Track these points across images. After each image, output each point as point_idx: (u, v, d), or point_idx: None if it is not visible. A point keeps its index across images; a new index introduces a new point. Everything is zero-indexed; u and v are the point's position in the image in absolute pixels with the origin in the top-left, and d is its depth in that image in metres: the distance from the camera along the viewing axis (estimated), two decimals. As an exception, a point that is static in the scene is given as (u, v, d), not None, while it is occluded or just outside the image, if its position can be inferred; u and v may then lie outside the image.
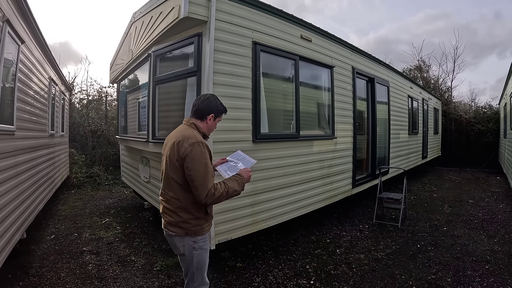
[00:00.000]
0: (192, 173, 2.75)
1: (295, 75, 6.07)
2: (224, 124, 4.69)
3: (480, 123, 20.15)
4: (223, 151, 4.70)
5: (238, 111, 4.94)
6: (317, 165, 6.69)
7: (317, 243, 6.36)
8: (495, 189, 12.51)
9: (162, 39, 5.59)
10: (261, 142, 5.33)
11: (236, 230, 5.00)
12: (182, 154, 2.77)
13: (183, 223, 2.89)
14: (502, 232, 7.12)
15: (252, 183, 5.14)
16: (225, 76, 4.80)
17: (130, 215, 8.30)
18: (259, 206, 5.32)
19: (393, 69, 11.32)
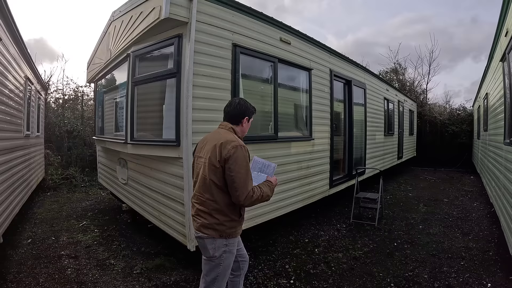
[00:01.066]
0: (234, 174, 2.83)
1: (274, 77, 6.13)
2: (203, 126, 4.77)
3: (454, 125, 20.66)
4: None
5: (217, 113, 4.89)
6: (295, 166, 6.74)
7: (296, 243, 6.42)
8: (469, 188, 12.85)
9: (142, 39, 5.56)
10: None
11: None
12: (225, 156, 2.86)
13: (218, 225, 2.97)
14: (476, 229, 7.35)
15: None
16: (205, 78, 4.81)
17: (107, 217, 8.20)
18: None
19: (369, 71, 11.51)
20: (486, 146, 10.91)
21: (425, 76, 25.99)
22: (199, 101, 4.70)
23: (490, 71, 9.70)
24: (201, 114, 4.76)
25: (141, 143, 5.70)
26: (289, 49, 6.53)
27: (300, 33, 6.88)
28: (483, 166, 12.01)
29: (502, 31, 6.44)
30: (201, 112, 4.75)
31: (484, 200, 10.31)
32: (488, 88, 10.20)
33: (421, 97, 24.78)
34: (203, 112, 4.79)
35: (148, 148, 5.56)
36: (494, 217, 8.01)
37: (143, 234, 6.73)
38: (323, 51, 7.89)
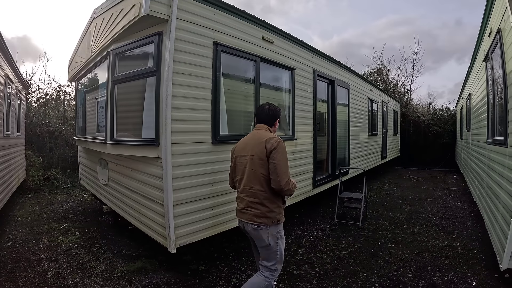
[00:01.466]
0: (277, 162, 3.36)
1: (256, 76, 6.05)
2: (183, 125, 4.69)
3: (437, 125, 20.92)
4: (182, 152, 4.67)
5: (198, 112, 4.88)
6: (277, 166, 6.63)
7: (279, 244, 6.35)
8: (452, 187, 13.00)
9: (122, 37, 5.45)
10: (221, 143, 5.26)
11: (196, 233, 4.92)
12: (270, 148, 3.41)
13: (269, 213, 3.44)
14: (460, 228, 7.39)
15: (212, 185, 5.11)
16: (185, 77, 4.71)
17: (89, 219, 8.06)
18: (219, 208, 5.25)
19: (353, 72, 11.51)
20: (469, 146, 11.04)
21: (409, 77, 26.30)
22: (178, 100, 4.60)
23: (473, 72, 9.82)
24: (181, 113, 4.66)
25: (121, 143, 5.60)
26: (271, 48, 6.47)
27: (283, 32, 6.84)
28: (466, 165, 12.16)
29: (486, 32, 6.50)
30: (181, 111, 4.66)
31: (467, 199, 10.41)
32: (471, 89, 10.33)
33: (404, 98, 25.03)
34: (183, 111, 4.69)
35: (128, 148, 5.46)
36: (477, 216, 8.06)
37: (125, 236, 6.62)
38: (306, 51, 7.86)
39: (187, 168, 4.76)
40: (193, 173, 4.84)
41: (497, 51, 5.43)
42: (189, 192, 4.78)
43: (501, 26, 5.09)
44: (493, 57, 5.95)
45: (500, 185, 5.24)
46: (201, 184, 4.96)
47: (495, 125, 5.97)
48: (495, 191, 5.61)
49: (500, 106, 5.54)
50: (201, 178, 4.95)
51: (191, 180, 4.81)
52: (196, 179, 4.89)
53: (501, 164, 5.24)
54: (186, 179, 4.74)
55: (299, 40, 7.45)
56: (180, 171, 4.66)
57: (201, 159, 4.96)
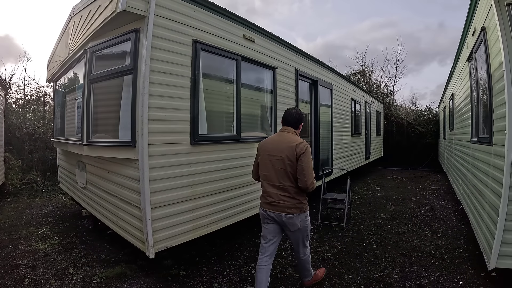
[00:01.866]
0: (304, 164, 3.90)
1: (237, 75, 5.92)
2: (160, 125, 4.54)
3: (420, 125, 21.12)
4: (160, 153, 4.52)
5: (176, 112, 4.73)
6: (259, 167, 6.52)
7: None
8: (436, 186, 13.08)
9: (99, 34, 5.32)
10: (200, 144, 5.11)
11: (176, 237, 4.77)
12: (300, 152, 3.93)
13: (299, 204, 4.05)
14: (444, 227, 7.40)
15: (191, 187, 4.96)
16: (163, 75, 4.56)
17: (68, 224, 7.83)
18: (199, 211, 5.11)
19: (336, 72, 11.48)
20: (452, 145, 11.08)
21: (392, 78, 26.50)
22: (156, 99, 4.45)
23: (456, 72, 9.85)
24: (158, 113, 4.50)
25: (97, 144, 5.44)
26: (253, 47, 6.36)
27: (264, 31, 6.74)
28: (450, 164, 12.21)
29: (469, 31, 6.50)
30: (158, 111, 4.50)
31: (451, 198, 10.45)
32: (454, 89, 10.37)
33: (388, 99, 25.22)
34: (160, 111, 4.54)
35: (105, 149, 5.29)
36: (462, 215, 8.09)
37: (104, 241, 6.44)
38: (288, 50, 7.77)
39: (165, 169, 4.60)
40: (171, 175, 4.68)
41: (482, 49, 5.41)
42: (167, 195, 4.62)
43: (486, 25, 5.06)
44: (477, 56, 5.93)
45: (485, 184, 5.20)
46: (180, 186, 4.80)
47: (479, 124, 5.96)
48: (480, 190, 5.57)
49: (484, 105, 5.53)
50: (179, 180, 4.80)
51: (169, 182, 4.65)
52: (175, 181, 4.73)
53: (486, 162, 5.21)
54: (164, 181, 4.59)
55: (281, 39, 7.35)
56: (158, 173, 4.50)
57: (179, 160, 4.80)
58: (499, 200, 4.25)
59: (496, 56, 4.56)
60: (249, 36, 6.23)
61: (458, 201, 9.22)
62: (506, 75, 4.05)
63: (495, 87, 4.66)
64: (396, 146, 21.83)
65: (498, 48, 4.37)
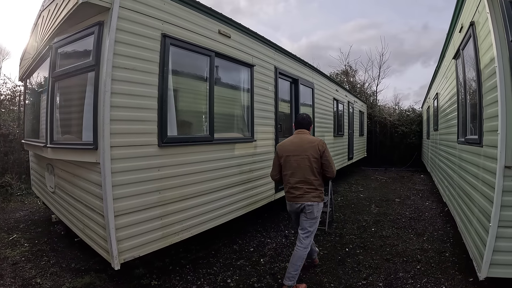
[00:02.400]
0: (328, 158, 4.69)
1: (210, 72, 5.58)
2: (124, 126, 4.19)
3: (404, 125, 21.13)
4: (124, 156, 4.18)
5: (142, 112, 4.37)
6: (235, 170, 6.23)
7: (240, 253, 5.97)
8: (420, 187, 13.03)
9: (64, 29, 4.96)
10: (169, 146, 4.76)
11: (143, 246, 4.42)
12: (322, 149, 4.66)
13: (321, 193, 4.73)
14: (430, 229, 7.23)
15: (160, 193, 4.61)
16: (127, 72, 4.20)
17: (40, 229, 7.45)
18: (169, 218, 4.76)
19: (318, 71, 11.22)
20: (437, 146, 10.99)
21: (375, 78, 26.55)
22: (119, 98, 4.09)
23: (441, 71, 9.74)
24: (122, 112, 4.14)
25: (60, 146, 5.11)
26: (228, 43, 6.03)
27: (241, 26, 6.42)
28: (434, 165, 12.13)
29: (456, 27, 6.33)
30: (122, 110, 4.14)
31: (435, 199, 10.36)
32: (439, 88, 10.26)
33: (371, 99, 25.26)
34: (124, 111, 4.18)
35: (67, 152, 4.96)
36: (447, 216, 7.96)
37: (75, 248, 6.07)
38: (267, 47, 7.46)
39: (130, 174, 4.24)
40: (137, 180, 4.32)
41: (470, 46, 5.18)
42: (133, 201, 4.27)
43: (475, 19, 4.83)
44: (464, 53, 5.72)
45: (474, 187, 4.95)
46: (147, 191, 4.45)
47: (467, 123, 5.74)
48: (468, 192, 5.34)
49: (472, 104, 5.33)
50: (146, 185, 4.44)
51: (135, 188, 4.29)
52: (141, 186, 4.37)
53: (475, 164, 4.97)
54: (129, 186, 4.23)
55: (259, 36, 7.06)
56: (122, 178, 4.15)
57: (146, 163, 4.44)
58: (490, 205, 4.00)
59: (486, 52, 4.32)
60: (225, 31, 5.91)
61: (443, 202, 9.10)
62: (499, 71, 3.79)
63: (484, 84, 4.42)
64: (379, 146, 21.89)
65: (489, 43, 4.14)
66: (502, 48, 3.84)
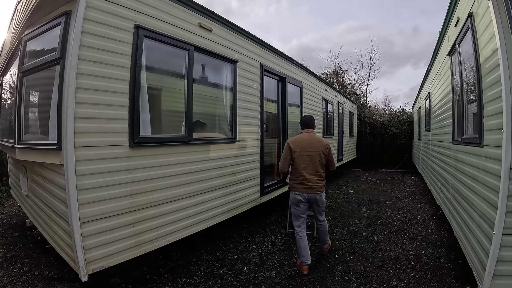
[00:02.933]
0: (332, 156, 5.55)
1: (189, 67, 5.22)
2: (91, 124, 3.83)
3: (394, 126, 21.11)
4: (90, 158, 3.81)
5: (111, 109, 4.00)
6: (216, 173, 5.87)
7: (223, 261, 5.63)
8: (411, 188, 12.88)
9: (34, 21, 4.69)
10: (141, 146, 4.39)
11: (114, 255, 4.07)
12: (329, 148, 5.47)
13: (324, 184, 5.46)
14: (423, 233, 6.99)
15: (131, 197, 4.24)
16: (95, 65, 3.84)
17: (17, 234, 7.10)
18: (143, 225, 4.40)
19: (307, 69, 10.88)
20: (429, 147, 10.75)
21: (366, 79, 26.67)
22: (85, 93, 3.73)
23: (433, 70, 9.48)
24: (88, 109, 3.78)
25: (26, 147, 4.76)
26: (210, 37, 5.69)
27: (224, 20, 6.07)
28: (426, 166, 11.88)
29: (452, 22, 6.03)
30: (88, 107, 3.78)
31: (428, 201, 10.16)
32: (431, 88, 10.03)
33: (361, 100, 25.21)
34: (91, 107, 3.81)
35: (33, 153, 4.60)
36: (440, 219, 7.78)
37: (50, 255, 5.69)
38: (252, 43, 7.12)
39: (97, 177, 3.87)
40: (105, 183, 3.95)
41: (468, 39, 4.87)
42: (101, 207, 3.90)
43: (473, 10, 4.51)
44: (461, 47, 5.41)
45: (474, 190, 4.59)
46: (117, 196, 4.08)
47: (464, 123, 5.40)
48: (466, 196, 4.99)
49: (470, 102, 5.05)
50: (116, 189, 4.07)
51: (103, 192, 3.92)
52: (110, 191, 4.01)
53: (475, 166, 4.61)
54: (97, 190, 3.86)
55: (243, 30, 6.72)
56: (88, 181, 3.78)
57: (115, 165, 4.06)
58: (493, 210, 3.67)
59: (487, 45, 4.01)
60: (206, 24, 5.56)
61: (435, 205, 8.91)
62: (503, 63, 3.46)
63: (485, 80, 4.11)
64: (369, 147, 21.83)
65: (490, 35, 3.83)
66: (506, 38, 3.50)
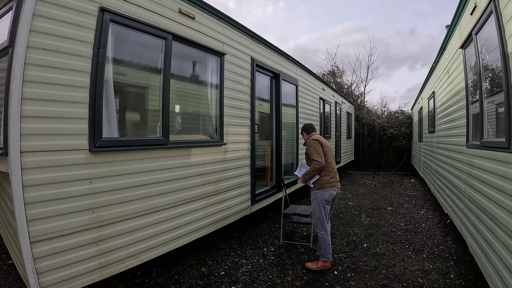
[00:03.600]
0: None
1: (165, 59, 4.56)
2: (42, 125, 3.18)
3: (393, 128, 20.66)
4: (40, 165, 3.16)
5: (67, 106, 3.36)
6: (198, 181, 5.20)
7: (208, 278, 5.00)
8: (412, 192, 12.44)
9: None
10: (105, 151, 3.74)
11: (75, 279, 3.43)
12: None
13: None
14: (429, 244, 6.43)
15: (93, 211, 3.59)
16: (48, 54, 3.22)
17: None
18: (109, 243, 3.76)
19: (303, 66, 10.26)
20: (433, 149, 10.14)
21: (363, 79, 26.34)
22: (34, 88, 3.11)
23: (440, 66, 8.88)
24: (39, 107, 3.14)
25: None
26: (192, 25, 5.04)
27: (209, 6, 5.42)
28: (430, 170, 11.20)
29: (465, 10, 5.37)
30: (39, 104, 3.14)
31: (431, 206, 9.68)
32: (437, 86, 9.46)
33: (358, 100, 24.81)
34: (43, 104, 3.17)
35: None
36: (446, 227, 7.33)
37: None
38: (242, 35, 6.48)
39: (49, 188, 3.22)
40: (60, 196, 3.30)
41: (489, 27, 4.18)
42: (55, 223, 3.26)
43: (498, -7, 3.82)
44: (479, 37, 4.72)
45: (499, 204, 3.79)
46: (75, 210, 3.42)
47: (483, 123, 4.63)
48: (488, 209, 4.20)
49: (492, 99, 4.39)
50: (74, 202, 3.41)
51: (57, 206, 3.27)
52: (67, 204, 3.35)
53: (501, 175, 3.81)
54: (49, 204, 3.22)
55: (232, 20, 6.09)
56: (38, 193, 3.14)
57: (73, 174, 3.41)
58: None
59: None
60: (187, 11, 4.92)
61: (439, 210, 8.49)
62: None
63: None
64: (367, 149, 21.43)
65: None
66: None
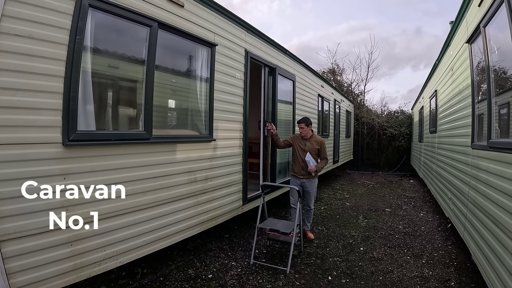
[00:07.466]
0: None
1: (149, 48, 4.26)
2: (9, 116, 2.93)
3: (392, 127, 20.48)
4: (7, 159, 2.92)
5: (39, 96, 3.10)
6: (184, 178, 4.92)
7: (195, 281, 4.75)
8: (411, 193, 12.21)
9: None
10: (79, 145, 3.48)
11: (48, 280, 3.19)
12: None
13: None
14: (429, 248, 6.19)
15: (66, 210, 3.33)
16: (20, 40, 2.96)
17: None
18: (84, 244, 3.49)
19: (301, 62, 9.92)
20: (435, 150, 9.88)
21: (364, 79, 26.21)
22: (4, 76, 2.85)
23: (442, 64, 8.68)
24: (6, 96, 2.88)
25: None
26: (181, 13, 4.73)
27: (200, -7, 5.11)
28: (430, 171, 10.97)
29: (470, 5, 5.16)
30: (6, 94, 2.88)
31: (430, 209, 9.44)
32: (439, 85, 9.24)
33: (358, 99, 24.68)
34: (10, 93, 2.91)
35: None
36: (446, 231, 7.11)
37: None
38: (236, 25, 6.17)
39: (17, 184, 2.96)
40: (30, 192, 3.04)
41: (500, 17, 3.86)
42: (26, 221, 3.03)
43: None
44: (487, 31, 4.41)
45: (507, 210, 3.50)
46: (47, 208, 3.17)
47: (492, 123, 4.32)
48: (495, 216, 3.88)
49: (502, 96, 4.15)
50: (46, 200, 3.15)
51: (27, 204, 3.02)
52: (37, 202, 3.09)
53: (510, 179, 3.52)
54: (18, 201, 2.97)
55: (225, 10, 5.77)
56: (5, 189, 2.89)
57: (44, 169, 3.16)
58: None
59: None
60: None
61: (439, 213, 8.28)
62: None
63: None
64: (366, 148, 21.25)
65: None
66: None
